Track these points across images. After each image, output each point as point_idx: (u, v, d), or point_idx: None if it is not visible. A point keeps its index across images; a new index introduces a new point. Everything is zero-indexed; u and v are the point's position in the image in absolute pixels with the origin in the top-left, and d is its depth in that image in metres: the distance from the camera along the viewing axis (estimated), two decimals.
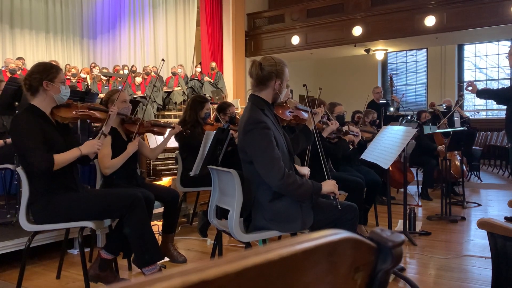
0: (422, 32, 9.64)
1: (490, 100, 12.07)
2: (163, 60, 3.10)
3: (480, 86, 12.19)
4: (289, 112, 2.60)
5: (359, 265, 0.56)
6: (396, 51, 12.84)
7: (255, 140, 2.12)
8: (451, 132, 4.94)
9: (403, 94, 11.32)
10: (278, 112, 2.43)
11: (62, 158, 2.28)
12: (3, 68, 7.90)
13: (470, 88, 4.33)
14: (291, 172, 2.14)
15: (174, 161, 4.79)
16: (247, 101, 2.33)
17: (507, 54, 4.28)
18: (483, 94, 4.38)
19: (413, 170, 5.76)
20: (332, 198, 2.22)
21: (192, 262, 3.15)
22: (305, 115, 2.67)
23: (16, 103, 3.34)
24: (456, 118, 6.14)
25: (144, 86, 9.62)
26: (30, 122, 2.26)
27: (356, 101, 9.85)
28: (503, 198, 5.87)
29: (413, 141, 4.73)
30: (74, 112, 2.48)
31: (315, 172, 3.02)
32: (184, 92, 10.04)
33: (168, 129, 3.35)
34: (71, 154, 2.34)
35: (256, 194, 2.22)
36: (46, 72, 2.33)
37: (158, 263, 2.52)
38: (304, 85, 2.55)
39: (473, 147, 7.44)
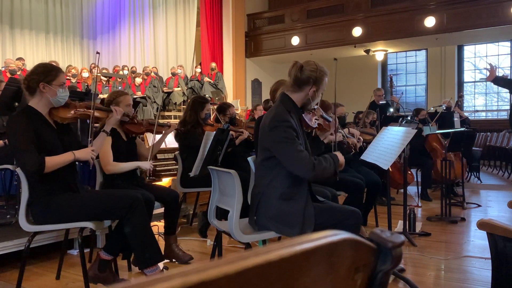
0: (422, 33, 9.64)
1: (490, 101, 12.08)
2: (98, 52, 3.08)
3: (480, 86, 12.21)
4: (315, 119, 2.56)
5: (359, 266, 0.56)
6: (396, 52, 12.85)
7: (280, 137, 2.12)
8: (451, 133, 4.94)
9: (402, 93, 11.32)
10: (306, 117, 2.41)
11: (54, 161, 2.27)
12: (3, 69, 7.91)
13: (487, 75, 4.45)
14: (316, 160, 2.14)
15: (174, 161, 4.79)
16: (277, 100, 2.32)
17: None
18: (499, 81, 4.47)
19: (413, 171, 5.76)
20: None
21: (192, 263, 3.15)
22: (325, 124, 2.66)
23: (16, 104, 3.33)
24: (456, 119, 6.13)
25: (144, 86, 9.63)
26: (24, 122, 2.25)
27: (356, 102, 9.85)
28: (503, 199, 5.87)
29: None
30: (72, 112, 2.47)
31: None
32: (184, 93, 10.04)
33: (165, 128, 3.34)
34: (64, 158, 2.32)
35: (265, 190, 2.21)
36: (45, 74, 2.32)
37: (159, 264, 2.52)
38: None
39: (473, 148, 7.44)
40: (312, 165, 2.09)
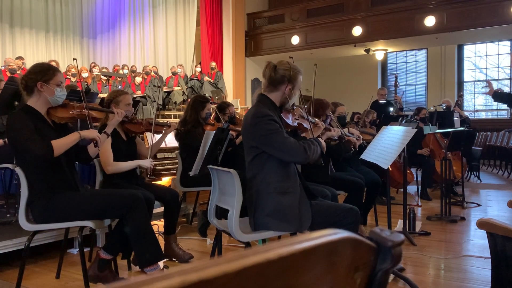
0: (422, 32, 9.64)
1: (490, 100, 12.08)
2: (74, 59, 3.17)
3: (482, 87, 12.20)
4: (295, 119, 2.60)
5: (359, 265, 0.56)
6: (396, 51, 12.84)
7: (264, 130, 2.14)
8: (451, 133, 4.94)
9: (403, 92, 11.33)
10: (285, 116, 2.44)
11: (60, 143, 2.28)
12: (3, 68, 7.90)
13: (487, 90, 4.39)
14: (305, 144, 2.18)
15: (174, 160, 4.79)
16: (255, 99, 2.35)
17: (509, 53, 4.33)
18: (498, 97, 4.43)
19: (413, 170, 5.76)
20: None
21: (192, 262, 3.15)
22: (307, 125, 2.67)
23: (16, 103, 3.33)
24: (456, 118, 6.13)
25: (144, 86, 9.62)
26: (24, 119, 2.26)
27: (356, 101, 9.86)
28: (502, 198, 5.88)
29: None
30: (70, 112, 2.48)
31: (315, 171, 3.02)
32: (184, 92, 10.03)
33: (165, 128, 3.34)
34: (70, 138, 2.34)
35: (260, 188, 2.22)
36: (42, 73, 2.32)
37: (159, 263, 2.52)
38: (315, 64, 2.61)
39: (473, 148, 7.44)
40: (303, 148, 2.14)
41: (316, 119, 2.93)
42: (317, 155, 2.23)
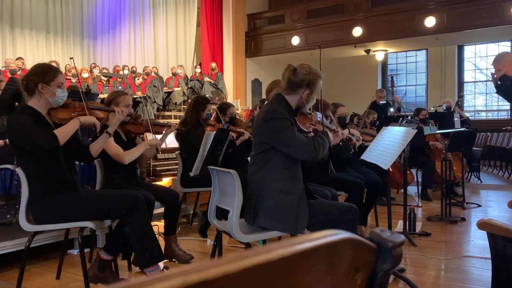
0: (422, 33, 9.64)
1: (490, 101, 12.08)
2: (71, 58, 3.18)
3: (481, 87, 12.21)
4: (311, 125, 2.55)
5: (359, 266, 0.56)
6: (396, 52, 12.84)
7: (277, 127, 2.14)
8: (451, 133, 4.94)
9: (404, 93, 11.32)
10: (300, 121, 2.41)
11: (62, 130, 2.30)
12: (3, 68, 7.90)
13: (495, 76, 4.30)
14: (315, 142, 2.18)
15: (174, 161, 4.79)
16: (272, 98, 2.34)
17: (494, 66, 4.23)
18: (504, 82, 4.34)
19: (413, 170, 5.76)
20: None
21: (192, 263, 3.15)
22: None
23: (16, 103, 3.33)
24: (456, 119, 6.13)
25: (144, 86, 9.63)
26: (25, 117, 2.27)
27: (356, 102, 9.86)
28: (503, 199, 5.87)
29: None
30: (72, 113, 2.47)
31: (315, 172, 3.02)
32: (184, 93, 10.04)
33: (166, 128, 3.34)
34: (71, 125, 2.35)
35: (259, 184, 2.22)
36: (43, 74, 2.31)
37: (160, 263, 2.52)
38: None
39: (473, 148, 7.44)
40: (313, 146, 2.14)
41: (338, 128, 2.82)
42: (325, 151, 2.23)
